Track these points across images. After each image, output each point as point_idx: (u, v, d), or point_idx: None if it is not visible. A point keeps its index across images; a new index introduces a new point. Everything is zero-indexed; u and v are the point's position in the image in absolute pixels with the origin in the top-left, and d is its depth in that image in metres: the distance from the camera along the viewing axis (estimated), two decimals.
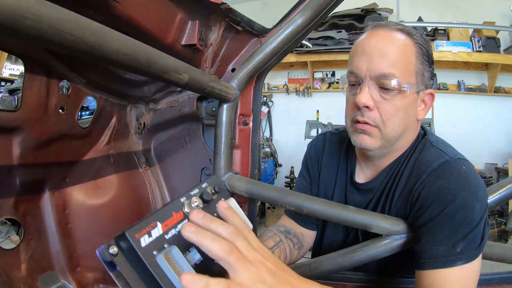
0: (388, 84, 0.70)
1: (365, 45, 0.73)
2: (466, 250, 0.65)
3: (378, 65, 0.70)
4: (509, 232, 3.25)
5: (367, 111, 0.72)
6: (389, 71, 0.69)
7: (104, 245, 0.40)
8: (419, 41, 0.73)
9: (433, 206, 0.67)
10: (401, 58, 0.70)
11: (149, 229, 0.41)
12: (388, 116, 0.71)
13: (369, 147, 0.75)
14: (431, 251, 0.66)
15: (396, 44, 0.71)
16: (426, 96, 0.76)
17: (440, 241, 0.65)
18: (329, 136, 0.98)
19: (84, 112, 1.56)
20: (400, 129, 0.73)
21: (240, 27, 0.90)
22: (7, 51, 0.73)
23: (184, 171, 1.14)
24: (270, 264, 0.43)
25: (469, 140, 3.81)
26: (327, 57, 4.19)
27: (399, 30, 0.73)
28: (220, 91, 0.84)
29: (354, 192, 0.87)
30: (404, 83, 0.70)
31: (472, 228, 0.65)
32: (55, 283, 0.85)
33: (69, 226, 0.91)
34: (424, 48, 0.73)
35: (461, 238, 0.65)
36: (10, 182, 0.76)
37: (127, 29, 0.68)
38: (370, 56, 0.71)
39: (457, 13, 4.05)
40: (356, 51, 0.75)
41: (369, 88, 0.71)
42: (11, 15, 0.34)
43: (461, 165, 0.70)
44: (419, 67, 0.72)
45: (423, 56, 0.73)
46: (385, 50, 0.70)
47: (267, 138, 4.72)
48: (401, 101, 0.71)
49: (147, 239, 0.41)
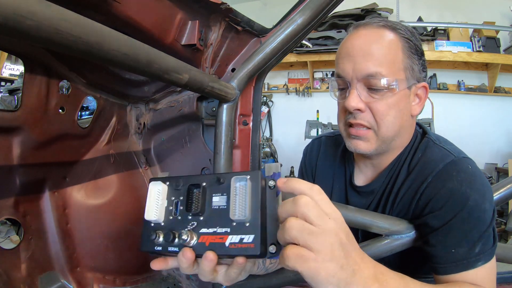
0: (376, 84, 0.68)
1: (348, 47, 0.72)
2: (484, 250, 0.65)
3: (363, 66, 0.68)
4: (509, 232, 3.25)
5: (359, 113, 0.71)
6: (375, 70, 0.68)
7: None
8: (404, 34, 0.71)
9: (446, 210, 0.66)
10: (387, 55, 0.69)
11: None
12: (381, 115, 0.70)
13: (364, 151, 0.74)
14: (451, 255, 0.65)
15: (380, 42, 0.69)
16: (420, 90, 0.74)
17: (458, 244, 0.65)
18: (324, 140, 0.97)
19: (84, 112, 1.56)
20: (396, 127, 0.72)
21: (240, 27, 0.90)
22: (7, 51, 0.73)
23: (184, 171, 1.14)
24: (341, 234, 0.44)
25: (469, 140, 3.81)
26: (327, 57, 4.19)
27: (382, 27, 0.71)
28: (220, 91, 0.84)
29: (354, 195, 0.86)
30: (392, 80, 0.68)
31: (487, 228, 0.65)
32: (55, 283, 0.85)
33: (69, 226, 0.91)
34: (410, 41, 0.71)
35: (477, 238, 0.65)
36: (10, 182, 0.76)
37: (127, 29, 0.68)
38: (354, 57, 0.69)
39: (457, 13, 4.05)
40: (340, 54, 0.73)
41: (358, 90, 0.70)
42: (11, 15, 0.34)
43: (467, 164, 0.69)
44: (407, 62, 0.70)
45: (410, 50, 0.71)
46: (369, 50, 0.69)
47: (267, 138, 4.72)
48: (392, 99, 0.69)
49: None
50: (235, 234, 0.51)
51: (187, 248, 0.52)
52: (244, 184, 0.52)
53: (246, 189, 0.52)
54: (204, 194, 0.56)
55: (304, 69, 4.66)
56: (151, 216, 0.56)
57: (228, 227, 0.52)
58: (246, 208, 0.51)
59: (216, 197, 0.55)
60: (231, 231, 0.52)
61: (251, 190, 0.52)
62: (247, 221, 0.51)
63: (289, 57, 4.26)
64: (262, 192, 0.52)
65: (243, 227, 0.51)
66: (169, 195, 0.59)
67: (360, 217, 0.77)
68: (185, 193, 0.57)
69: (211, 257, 0.50)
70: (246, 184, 0.52)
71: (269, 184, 0.54)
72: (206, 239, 0.53)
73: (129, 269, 0.59)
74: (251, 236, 0.50)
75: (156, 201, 0.57)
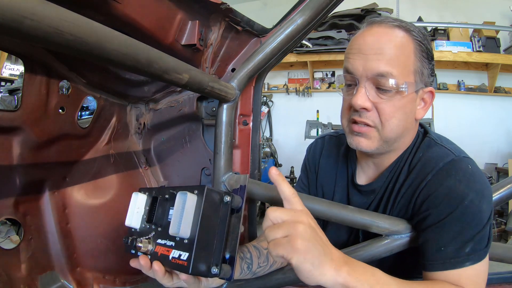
0: (385, 84, 0.67)
1: (360, 43, 0.70)
2: (474, 250, 0.64)
3: (374, 65, 0.67)
4: (509, 232, 3.25)
5: (365, 112, 0.70)
6: (386, 70, 0.66)
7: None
8: (417, 37, 0.70)
9: (441, 207, 0.66)
10: (399, 56, 0.67)
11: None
12: (387, 117, 0.69)
13: (365, 149, 0.73)
14: (439, 253, 0.65)
15: (393, 42, 0.68)
16: (426, 95, 0.74)
17: (449, 242, 0.65)
18: (327, 139, 0.97)
19: (84, 112, 1.56)
20: (399, 129, 0.71)
21: (240, 27, 0.90)
22: (7, 51, 0.73)
23: (184, 171, 1.14)
24: (311, 222, 0.54)
25: (469, 140, 3.81)
26: (327, 57, 4.19)
27: (397, 27, 0.70)
28: (220, 91, 0.84)
29: (355, 194, 0.86)
30: (402, 82, 0.67)
31: (481, 229, 0.65)
32: (55, 283, 0.85)
33: (69, 226, 0.91)
34: (423, 44, 0.70)
35: (469, 238, 0.64)
36: (10, 182, 0.76)
37: (127, 29, 0.68)
38: (366, 55, 0.68)
39: (457, 13, 4.05)
40: (351, 49, 0.72)
41: (366, 88, 0.69)
42: (11, 15, 0.34)
43: (467, 164, 0.69)
44: (418, 65, 0.69)
45: (422, 53, 0.70)
46: (382, 48, 0.67)
47: (267, 138, 4.72)
48: (399, 101, 0.68)
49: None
50: (176, 249, 0.52)
51: (142, 256, 0.58)
52: (183, 200, 0.52)
53: (185, 205, 0.51)
54: (163, 206, 0.58)
55: (304, 69, 4.66)
56: (128, 222, 0.62)
57: (173, 241, 0.53)
58: (181, 225, 0.50)
59: (172, 210, 0.56)
60: (174, 245, 0.53)
61: (195, 206, 0.51)
62: (186, 237, 0.51)
63: (289, 57, 4.26)
64: (211, 208, 0.52)
65: (183, 244, 0.51)
66: (147, 205, 0.63)
67: (360, 217, 0.77)
68: (149, 205, 0.61)
69: (155, 267, 0.56)
70: (185, 200, 0.51)
71: (224, 199, 0.53)
72: (159, 249, 0.56)
73: (129, 269, 0.59)
74: (186, 254, 0.50)
75: (132, 209, 0.62)
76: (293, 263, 0.50)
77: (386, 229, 0.75)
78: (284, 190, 0.56)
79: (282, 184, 0.57)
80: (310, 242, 0.51)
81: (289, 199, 0.56)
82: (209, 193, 0.52)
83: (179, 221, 0.50)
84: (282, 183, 0.57)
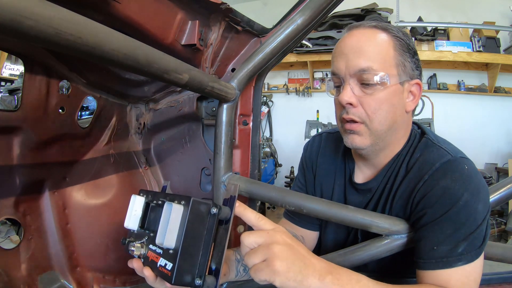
0: (368, 78, 0.71)
1: (342, 46, 0.75)
2: (467, 250, 0.64)
3: (355, 62, 0.71)
4: (509, 232, 3.25)
5: (351, 108, 0.73)
6: (367, 65, 0.71)
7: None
8: (396, 34, 0.74)
9: (436, 207, 0.67)
10: (378, 52, 0.72)
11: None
12: (373, 110, 0.72)
13: (359, 146, 0.75)
14: (432, 252, 0.66)
15: (372, 40, 0.73)
16: (413, 87, 0.76)
17: (442, 242, 0.65)
18: (325, 136, 0.98)
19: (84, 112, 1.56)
20: (388, 122, 0.73)
21: (240, 27, 0.90)
22: (7, 51, 0.73)
23: (184, 171, 1.14)
24: (287, 239, 0.56)
25: (469, 140, 3.81)
26: (327, 57, 4.19)
27: (374, 27, 0.74)
28: (220, 91, 0.84)
29: (352, 192, 0.87)
30: (384, 75, 0.71)
31: (475, 229, 0.65)
32: (55, 283, 0.85)
33: (69, 226, 0.91)
34: (402, 39, 0.74)
35: (463, 238, 0.65)
36: (10, 182, 0.76)
37: (127, 29, 0.68)
38: (347, 55, 0.73)
39: (457, 13, 4.05)
40: (334, 54, 0.77)
41: (351, 85, 0.73)
42: (11, 15, 0.34)
43: (464, 164, 0.70)
44: (399, 59, 0.73)
45: (402, 48, 0.73)
46: (361, 47, 0.72)
47: (267, 138, 4.72)
48: (383, 93, 0.72)
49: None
50: (163, 257, 0.53)
51: (135, 259, 0.60)
52: (169, 211, 0.52)
53: (170, 215, 0.52)
54: (156, 213, 0.58)
55: (304, 69, 4.66)
56: (127, 224, 0.62)
57: (161, 249, 0.54)
58: (166, 235, 0.51)
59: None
60: (162, 253, 0.54)
61: (181, 217, 0.52)
62: (171, 248, 0.51)
63: (289, 57, 4.26)
64: (197, 219, 0.52)
65: (168, 253, 0.52)
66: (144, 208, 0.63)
67: (360, 217, 0.77)
68: (142, 210, 0.62)
69: (145, 273, 0.58)
70: (171, 211, 0.52)
71: (211, 211, 0.53)
72: (150, 255, 0.57)
73: (129, 269, 0.59)
74: (171, 264, 0.51)
75: (130, 211, 0.62)
76: (277, 285, 0.52)
77: (386, 229, 0.75)
78: (248, 218, 0.58)
79: (245, 213, 0.58)
80: (289, 260, 0.53)
81: (256, 225, 0.58)
82: (195, 205, 0.52)
83: (165, 231, 0.51)
84: (244, 212, 0.58)
